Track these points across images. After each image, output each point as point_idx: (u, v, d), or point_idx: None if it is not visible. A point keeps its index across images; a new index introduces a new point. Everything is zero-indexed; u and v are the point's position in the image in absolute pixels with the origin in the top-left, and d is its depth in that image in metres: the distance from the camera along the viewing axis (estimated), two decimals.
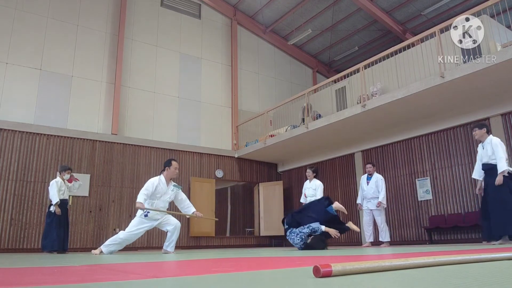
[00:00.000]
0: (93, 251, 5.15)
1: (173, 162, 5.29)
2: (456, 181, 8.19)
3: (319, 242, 5.13)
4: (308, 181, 7.55)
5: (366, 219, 7.51)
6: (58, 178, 7.02)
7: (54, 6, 9.88)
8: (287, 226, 5.51)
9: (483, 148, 5.45)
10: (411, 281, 1.12)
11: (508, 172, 5.13)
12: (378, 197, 7.30)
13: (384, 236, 7.27)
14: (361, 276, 1.24)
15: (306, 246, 5.17)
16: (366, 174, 7.63)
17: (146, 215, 5.05)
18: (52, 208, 6.79)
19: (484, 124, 5.73)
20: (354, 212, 10.31)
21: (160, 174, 5.31)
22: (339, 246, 8.85)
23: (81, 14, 10.26)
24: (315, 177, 7.45)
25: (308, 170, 7.58)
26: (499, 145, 5.25)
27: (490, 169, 5.29)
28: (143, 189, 5.07)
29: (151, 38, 11.31)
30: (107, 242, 5.00)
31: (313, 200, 6.60)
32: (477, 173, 5.55)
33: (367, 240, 7.54)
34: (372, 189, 7.39)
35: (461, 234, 7.99)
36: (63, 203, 6.94)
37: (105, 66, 10.35)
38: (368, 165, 7.65)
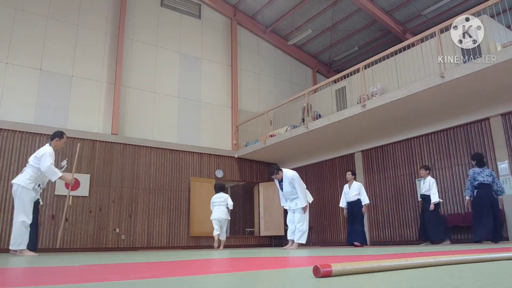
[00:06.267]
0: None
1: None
2: (456, 181, 8.19)
3: None
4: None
5: (289, 216, 6.64)
6: None
7: (54, 6, 9.88)
8: None
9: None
10: (411, 281, 1.12)
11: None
12: (297, 197, 6.43)
13: (299, 236, 6.31)
14: (361, 276, 1.24)
15: None
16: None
17: None
18: None
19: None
20: None
21: None
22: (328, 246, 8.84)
23: (81, 14, 10.26)
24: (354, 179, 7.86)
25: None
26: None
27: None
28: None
29: (151, 38, 11.31)
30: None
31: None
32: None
33: (289, 238, 6.64)
34: (288, 189, 6.51)
35: (461, 234, 7.99)
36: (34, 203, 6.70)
37: (105, 66, 10.35)
38: (272, 177, 6.72)
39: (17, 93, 9.04)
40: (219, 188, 8.32)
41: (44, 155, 5.03)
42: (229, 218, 8.39)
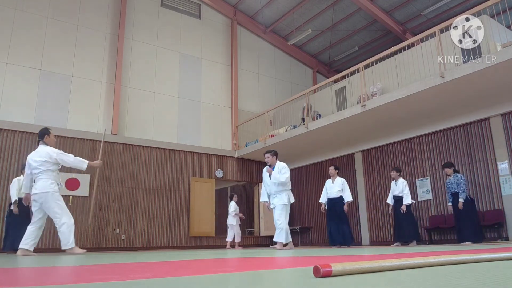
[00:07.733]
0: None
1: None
2: None
3: None
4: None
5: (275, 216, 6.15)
6: (20, 176, 6.72)
7: (54, 6, 9.88)
8: None
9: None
10: (411, 281, 1.12)
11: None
12: (280, 192, 6.09)
13: (279, 235, 5.87)
14: (361, 276, 1.24)
15: None
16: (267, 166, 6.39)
17: None
18: (13, 207, 6.62)
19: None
20: (354, 212, 10.30)
21: None
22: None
23: (81, 14, 10.26)
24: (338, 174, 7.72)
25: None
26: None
27: None
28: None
29: (151, 38, 11.31)
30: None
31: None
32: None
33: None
34: (276, 177, 6.12)
35: None
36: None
37: (105, 66, 10.35)
38: (266, 154, 6.39)
39: (17, 93, 9.03)
40: (233, 198, 9.96)
41: (58, 154, 5.07)
42: (240, 223, 9.93)
